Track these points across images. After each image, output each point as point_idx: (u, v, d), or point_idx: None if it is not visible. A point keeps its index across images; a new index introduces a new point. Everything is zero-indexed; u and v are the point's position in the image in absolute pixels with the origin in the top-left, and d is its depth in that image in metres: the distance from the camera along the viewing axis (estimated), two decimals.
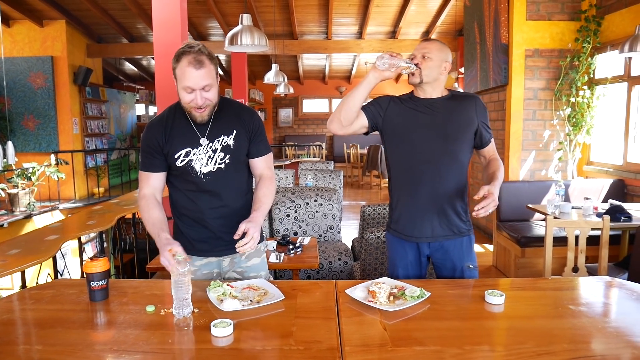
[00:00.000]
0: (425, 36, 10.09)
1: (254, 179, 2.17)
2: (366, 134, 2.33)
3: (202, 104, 1.87)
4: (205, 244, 2.08)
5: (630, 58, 4.83)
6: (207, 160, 1.98)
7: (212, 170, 1.99)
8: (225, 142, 2.00)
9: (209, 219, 2.05)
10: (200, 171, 1.99)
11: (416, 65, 2.11)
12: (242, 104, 2.15)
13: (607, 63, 5.26)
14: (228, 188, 2.05)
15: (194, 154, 1.97)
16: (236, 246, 1.79)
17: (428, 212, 2.19)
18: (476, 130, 2.21)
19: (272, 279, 2.29)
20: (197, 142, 1.98)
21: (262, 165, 2.10)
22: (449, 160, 2.17)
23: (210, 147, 1.98)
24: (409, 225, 2.23)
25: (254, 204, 1.99)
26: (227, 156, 2.00)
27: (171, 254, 1.71)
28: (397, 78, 14.33)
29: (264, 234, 2.28)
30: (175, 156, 1.97)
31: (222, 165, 2.00)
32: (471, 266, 2.26)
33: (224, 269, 2.16)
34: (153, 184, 2.00)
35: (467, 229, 2.26)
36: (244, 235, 1.80)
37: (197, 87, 1.84)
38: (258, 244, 2.09)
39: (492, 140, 2.30)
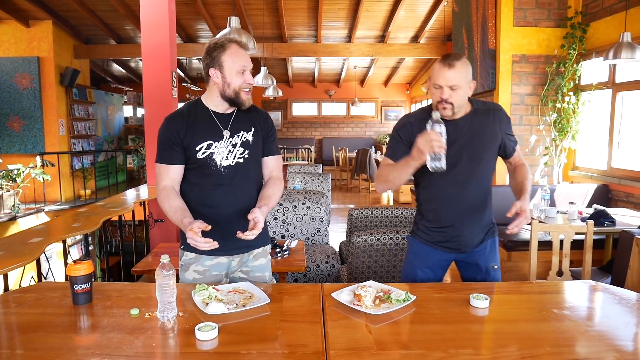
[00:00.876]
0: (414, 41, 10.14)
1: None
2: None
3: (251, 82, 2.02)
4: (217, 241, 2.06)
5: (614, 65, 4.89)
6: (228, 154, 2.04)
7: (232, 164, 2.05)
8: (244, 138, 2.07)
9: (223, 214, 2.07)
10: (221, 164, 2.04)
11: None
12: (258, 107, 2.21)
13: (592, 70, 5.33)
14: (244, 183, 2.10)
15: (215, 147, 2.03)
16: (240, 234, 1.88)
17: (459, 228, 2.21)
18: (500, 143, 2.19)
19: (274, 281, 2.31)
20: (219, 135, 2.04)
21: (272, 164, 2.19)
22: (475, 178, 2.17)
23: (231, 142, 2.05)
24: (439, 237, 2.23)
25: (259, 200, 2.06)
26: (246, 151, 2.07)
27: (194, 232, 1.79)
28: (386, 82, 14.41)
29: (269, 236, 2.32)
30: (197, 148, 2.01)
31: (241, 160, 2.06)
32: (495, 267, 2.28)
33: (232, 269, 2.17)
34: (172, 176, 2.04)
35: (492, 231, 2.29)
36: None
37: (249, 66, 2.00)
38: (265, 246, 2.22)
39: (517, 146, 2.27)
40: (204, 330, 1.50)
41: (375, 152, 12.25)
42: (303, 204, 4.34)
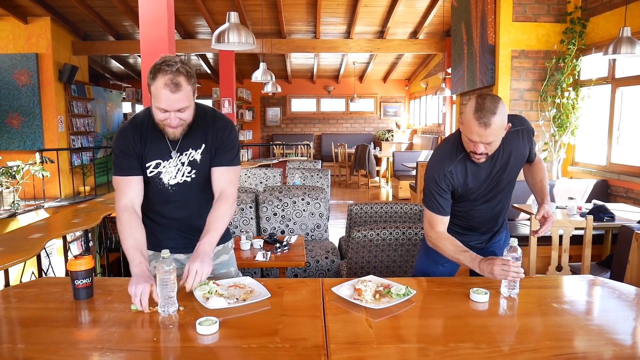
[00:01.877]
0: (413, 37, 10.13)
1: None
2: None
3: (176, 124, 1.83)
4: (173, 241, 2.06)
5: (614, 60, 4.89)
6: (176, 172, 1.97)
7: (180, 182, 1.98)
8: (192, 157, 1.96)
9: (176, 224, 2.06)
10: (168, 183, 1.98)
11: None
12: (218, 113, 2.06)
13: (592, 65, 5.33)
14: (194, 200, 2.04)
15: (163, 167, 1.96)
16: (181, 283, 1.74)
17: (483, 233, 2.32)
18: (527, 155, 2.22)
19: (240, 274, 2.28)
20: (167, 155, 1.95)
21: (221, 178, 1.99)
22: (505, 195, 2.22)
23: (180, 160, 1.96)
24: (461, 239, 2.20)
25: (205, 228, 1.89)
26: (194, 170, 1.98)
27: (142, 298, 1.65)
28: (385, 78, 14.40)
29: (230, 232, 2.27)
30: (147, 165, 1.94)
31: (188, 179, 1.99)
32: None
33: None
34: (133, 189, 1.92)
35: (505, 223, 2.39)
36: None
37: (171, 110, 1.79)
38: (225, 242, 2.16)
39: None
40: (205, 325, 1.51)
41: (375, 148, 12.25)
42: (302, 199, 4.35)
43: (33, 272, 3.40)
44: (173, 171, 1.96)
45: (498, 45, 5.47)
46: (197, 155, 1.96)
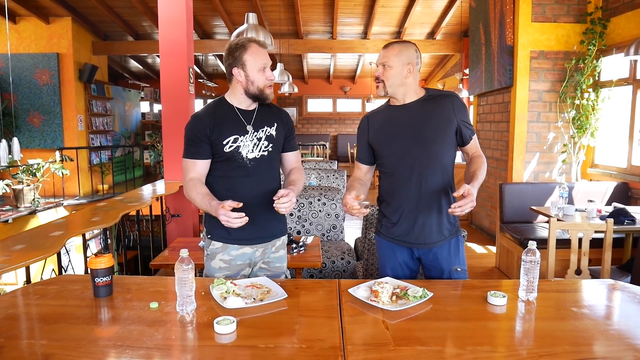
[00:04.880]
0: (431, 37, 10.08)
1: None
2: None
3: (274, 78, 2.14)
4: (243, 232, 2.12)
5: (635, 61, 4.81)
6: (253, 147, 2.15)
7: (257, 156, 2.16)
8: (268, 132, 2.19)
9: (248, 204, 2.10)
10: (247, 157, 2.14)
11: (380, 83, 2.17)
12: (277, 105, 2.34)
13: (613, 66, 5.25)
14: (269, 174, 2.21)
15: (241, 141, 2.13)
16: (274, 205, 1.97)
17: (416, 217, 2.19)
18: (456, 130, 2.17)
19: (289, 274, 2.41)
20: (244, 130, 2.14)
21: (294, 159, 2.33)
22: (432, 163, 2.15)
23: (256, 136, 2.16)
24: (398, 230, 2.24)
25: (286, 183, 2.21)
26: (270, 144, 2.19)
27: (225, 209, 1.89)
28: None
29: (287, 227, 2.43)
30: (224, 142, 2.11)
31: (266, 153, 2.18)
32: (459, 269, 2.24)
33: (255, 259, 2.25)
34: (199, 170, 2.14)
35: (455, 230, 2.25)
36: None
37: (269, 64, 2.12)
38: (283, 236, 2.35)
39: (475, 137, 2.24)
40: (223, 324, 1.52)
41: None
42: (319, 200, 4.35)
43: (53, 270, 3.45)
44: (250, 145, 2.14)
45: (517, 46, 5.42)
46: (272, 131, 2.20)
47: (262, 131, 2.17)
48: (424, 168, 2.14)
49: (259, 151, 2.16)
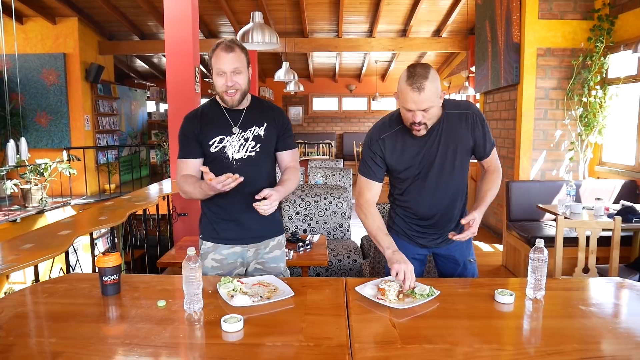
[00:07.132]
0: (437, 35, 10.05)
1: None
2: None
3: (232, 85, 2.03)
4: (232, 232, 2.18)
5: None
6: (239, 147, 2.14)
7: (243, 156, 2.14)
8: (256, 132, 2.16)
9: (237, 206, 2.16)
10: (233, 157, 2.13)
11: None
12: (273, 104, 2.31)
13: (620, 63, 5.21)
14: (256, 175, 2.17)
15: (227, 141, 2.12)
16: (254, 204, 1.95)
17: (432, 227, 2.21)
18: (473, 146, 2.12)
19: (288, 272, 2.38)
20: (229, 131, 2.13)
21: (288, 158, 2.26)
22: (449, 180, 2.12)
23: (243, 136, 2.14)
24: (412, 234, 2.24)
25: (278, 182, 2.17)
26: (258, 145, 2.16)
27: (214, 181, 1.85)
28: (383, 76, 14.31)
29: (283, 227, 2.40)
30: (210, 142, 2.12)
31: (253, 153, 2.15)
32: (472, 260, 2.29)
33: (247, 259, 2.25)
34: (191, 168, 2.15)
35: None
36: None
37: (227, 70, 2.01)
38: (278, 236, 2.31)
39: (494, 149, 2.18)
40: (230, 322, 1.52)
41: None
42: (325, 198, 4.36)
43: (61, 268, 3.48)
44: (236, 145, 2.13)
45: (523, 43, 5.39)
46: (260, 131, 2.17)
47: (250, 131, 2.15)
48: (441, 185, 2.13)
49: (246, 152, 2.14)
